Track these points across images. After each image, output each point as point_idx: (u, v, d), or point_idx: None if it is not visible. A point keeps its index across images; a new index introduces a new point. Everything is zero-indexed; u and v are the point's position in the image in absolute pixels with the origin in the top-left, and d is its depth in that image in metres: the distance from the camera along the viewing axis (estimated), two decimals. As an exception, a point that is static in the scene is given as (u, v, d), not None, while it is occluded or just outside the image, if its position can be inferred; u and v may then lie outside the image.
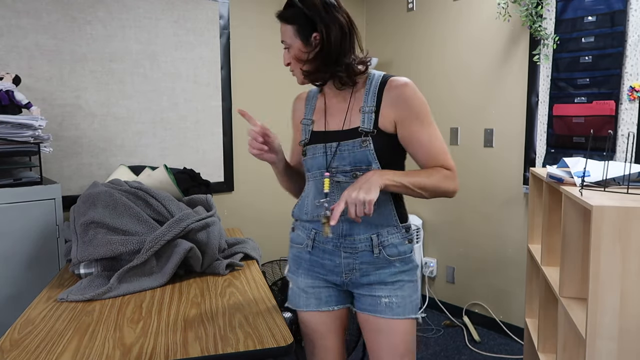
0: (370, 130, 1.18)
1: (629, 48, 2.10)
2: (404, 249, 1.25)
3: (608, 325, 1.16)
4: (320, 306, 1.31)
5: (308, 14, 1.16)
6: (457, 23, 2.81)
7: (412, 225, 1.31)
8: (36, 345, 1.06)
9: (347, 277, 1.26)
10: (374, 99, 1.20)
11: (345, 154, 1.21)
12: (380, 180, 1.10)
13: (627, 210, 1.12)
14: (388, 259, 1.23)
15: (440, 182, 1.17)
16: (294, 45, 1.21)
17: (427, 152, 1.21)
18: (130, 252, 1.46)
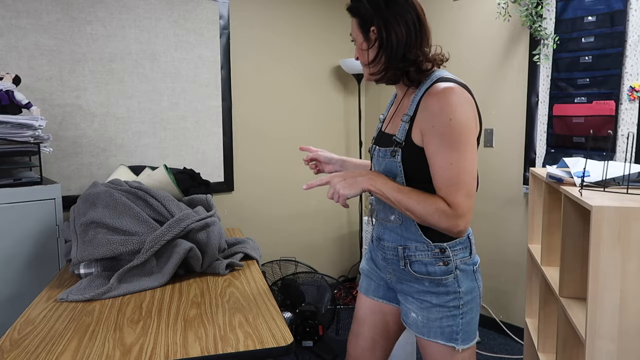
0: (401, 141, 1.10)
1: (629, 48, 2.10)
2: (435, 270, 1.14)
3: (608, 325, 1.16)
4: (369, 292, 1.34)
5: (368, 7, 1.10)
6: (457, 23, 2.81)
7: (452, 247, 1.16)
8: (36, 345, 1.06)
9: (388, 277, 1.27)
10: (414, 106, 1.10)
11: (380, 160, 1.18)
12: (365, 184, 1.09)
13: (627, 211, 1.12)
14: (415, 276, 1.17)
15: (431, 215, 1.04)
16: (357, 40, 1.15)
17: (437, 177, 1.05)
18: (130, 252, 1.46)
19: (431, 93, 1.05)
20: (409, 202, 1.05)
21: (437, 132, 1.03)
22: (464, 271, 1.16)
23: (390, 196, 1.07)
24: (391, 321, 1.33)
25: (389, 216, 1.20)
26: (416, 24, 1.10)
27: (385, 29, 1.09)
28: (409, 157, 1.10)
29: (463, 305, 1.15)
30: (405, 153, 1.10)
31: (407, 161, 1.10)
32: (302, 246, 3.19)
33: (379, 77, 1.16)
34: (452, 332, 1.15)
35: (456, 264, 1.15)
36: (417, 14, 1.11)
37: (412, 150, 1.09)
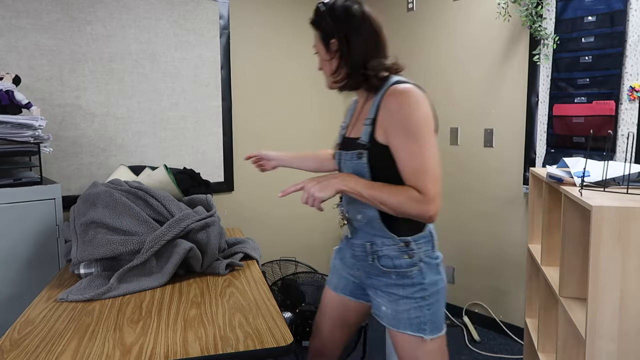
0: (366, 143, 1.19)
1: (629, 48, 2.10)
2: (401, 263, 1.22)
3: (608, 326, 1.16)
4: (337, 289, 1.42)
5: (329, 21, 1.20)
6: (457, 23, 2.81)
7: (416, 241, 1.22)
8: (36, 345, 1.06)
9: (357, 274, 1.35)
10: (374, 109, 1.19)
11: (347, 163, 1.25)
12: (338, 185, 1.15)
13: (627, 211, 1.13)
14: (382, 270, 1.24)
15: (404, 204, 1.10)
16: (320, 52, 1.25)
17: (404, 168, 1.13)
18: (130, 252, 1.46)
19: (389, 94, 1.15)
20: (381, 195, 1.12)
21: (399, 128, 1.12)
22: (427, 264, 1.24)
23: (364, 193, 1.14)
24: (351, 316, 1.43)
25: (356, 215, 1.27)
26: (373, 36, 1.21)
27: (345, 40, 1.19)
28: (374, 156, 1.18)
29: (429, 297, 1.22)
30: (370, 153, 1.18)
31: (373, 161, 1.18)
32: (302, 246, 3.19)
33: (341, 86, 1.25)
34: (420, 323, 1.22)
35: (420, 257, 1.23)
36: (373, 28, 1.22)
37: (377, 150, 1.17)
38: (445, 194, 3.00)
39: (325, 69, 1.26)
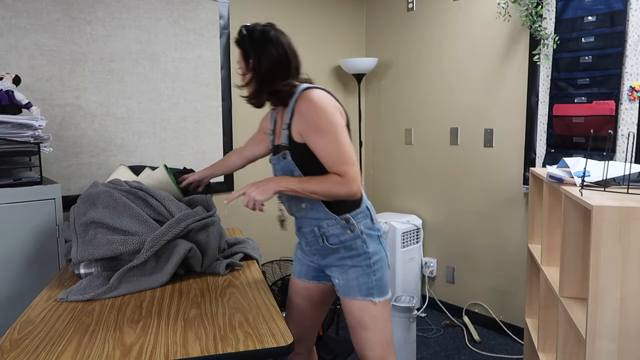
0: (287, 144, 1.38)
1: (629, 48, 2.10)
2: (345, 238, 1.40)
3: (608, 325, 1.16)
4: (300, 276, 1.59)
5: (249, 43, 1.37)
6: (457, 23, 2.81)
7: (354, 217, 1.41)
8: (36, 345, 1.06)
9: (315, 259, 1.52)
10: (289, 115, 1.38)
11: (277, 166, 1.44)
12: (275, 187, 1.33)
13: (627, 210, 1.13)
14: (331, 247, 1.42)
15: (331, 188, 1.30)
16: (241, 68, 1.41)
17: (325, 161, 1.33)
18: (130, 252, 1.46)
19: (300, 100, 1.35)
20: (311, 186, 1.31)
21: (311, 126, 1.32)
22: (369, 236, 1.42)
23: (297, 188, 1.32)
24: (316, 296, 1.59)
25: (300, 205, 1.44)
26: (284, 59, 1.37)
27: (258, 61, 1.36)
28: (296, 154, 1.37)
29: (373, 264, 1.41)
30: (292, 152, 1.38)
31: (297, 158, 1.38)
32: (302, 246, 3.19)
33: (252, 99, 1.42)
34: (369, 288, 1.40)
35: (361, 230, 1.41)
36: (285, 52, 1.37)
37: (297, 148, 1.37)
38: (446, 194, 3.00)
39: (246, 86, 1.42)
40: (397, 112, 3.24)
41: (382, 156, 3.40)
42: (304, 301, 1.60)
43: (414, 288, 3.06)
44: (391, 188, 3.36)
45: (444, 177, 2.99)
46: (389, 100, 3.29)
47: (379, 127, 3.40)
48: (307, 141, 1.34)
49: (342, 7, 3.29)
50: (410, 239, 3.01)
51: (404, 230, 2.95)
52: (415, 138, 3.14)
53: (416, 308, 2.46)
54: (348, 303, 1.43)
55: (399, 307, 2.29)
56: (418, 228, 3.06)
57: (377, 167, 3.45)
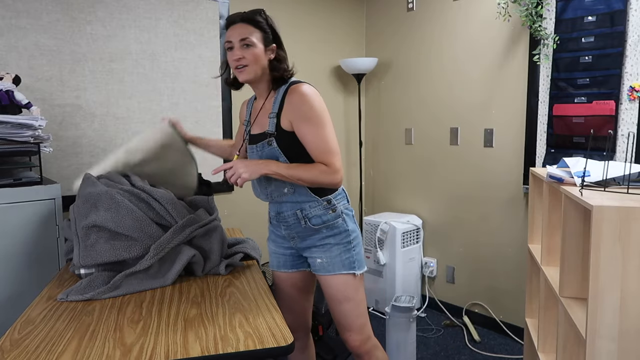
0: (273, 132, 1.46)
1: (629, 48, 2.10)
2: (328, 218, 1.51)
3: (608, 325, 1.16)
4: (280, 267, 1.67)
5: (273, 28, 1.49)
6: (457, 23, 2.81)
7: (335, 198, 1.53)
8: (36, 345, 1.06)
9: (293, 243, 1.60)
10: (277, 105, 1.46)
11: (260, 153, 1.50)
12: (263, 169, 1.40)
13: (627, 210, 1.13)
14: (314, 228, 1.51)
15: (317, 177, 1.41)
16: (258, 47, 1.45)
17: (312, 150, 1.43)
18: (133, 258, 1.46)
19: (292, 92, 1.44)
20: (298, 173, 1.40)
21: (303, 118, 1.41)
22: (347, 215, 1.55)
23: (284, 173, 1.40)
24: (299, 284, 1.68)
25: (283, 190, 1.51)
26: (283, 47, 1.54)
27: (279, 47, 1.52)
28: (282, 141, 1.45)
29: (352, 240, 1.54)
30: (278, 139, 1.45)
31: (283, 145, 1.45)
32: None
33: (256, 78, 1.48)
34: (351, 263, 1.53)
35: (341, 210, 1.53)
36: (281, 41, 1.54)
37: (283, 136, 1.45)
38: (446, 194, 3.00)
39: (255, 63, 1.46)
40: (397, 112, 3.24)
41: (382, 156, 3.40)
42: (290, 289, 1.69)
43: (414, 288, 3.06)
44: (391, 188, 3.36)
45: (444, 177, 2.99)
46: (389, 100, 3.29)
47: (379, 127, 3.40)
48: (297, 130, 1.43)
49: (342, 7, 3.29)
50: (410, 239, 3.01)
51: (404, 230, 2.95)
52: (415, 138, 3.14)
53: (416, 308, 2.46)
54: (331, 279, 1.53)
55: (399, 307, 2.29)
56: (418, 228, 3.06)
57: (377, 167, 3.45)
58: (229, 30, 1.46)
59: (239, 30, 1.44)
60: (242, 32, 1.44)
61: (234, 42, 1.44)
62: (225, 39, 1.47)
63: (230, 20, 1.47)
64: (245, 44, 1.44)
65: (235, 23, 1.46)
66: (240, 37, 1.44)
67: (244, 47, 1.44)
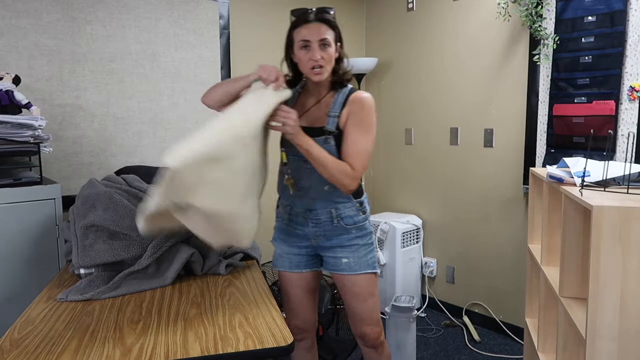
0: (334, 130, 1.49)
1: (629, 48, 2.10)
2: (359, 219, 1.58)
3: (608, 325, 1.16)
4: (292, 268, 1.65)
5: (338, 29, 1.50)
6: (457, 23, 2.81)
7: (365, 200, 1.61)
8: (36, 345, 1.06)
9: (315, 242, 1.60)
10: (340, 106, 1.50)
11: None
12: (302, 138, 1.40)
13: (627, 210, 1.13)
14: (345, 227, 1.56)
15: (338, 173, 1.44)
16: (332, 47, 1.47)
17: (348, 148, 1.48)
18: (131, 258, 1.46)
19: (356, 97, 1.50)
20: (326, 159, 1.43)
21: (357, 121, 1.48)
22: (369, 218, 1.63)
23: (315, 151, 1.41)
24: (312, 283, 1.70)
25: (323, 187, 1.53)
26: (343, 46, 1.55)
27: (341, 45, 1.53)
28: (337, 140, 1.50)
29: (373, 242, 1.64)
30: (335, 138, 1.50)
31: (337, 144, 1.50)
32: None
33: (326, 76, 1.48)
34: (373, 262, 1.61)
35: (367, 212, 1.62)
36: None
37: (339, 135, 1.50)
38: (446, 194, 3.00)
39: (328, 59, 1.46)
40: (397, 112, 3.24)
41: (382, 156, 3.40)
42: (301, 291, 1.68)
43: (414, 288, 3.06)
44: (391, 188, 3.36)
45: (444, 177, 2.99)
46: (389, 100, 3.29)
47: (379, 127, 3.39)
48: (346, 128, 1.49)
49: (342, 7, 3.29)
50: (410, 239, 3.01)
51: (404, 230, 2.95)
52: (415, 138, 3.14)
53: (416, 308, 2.45)
54: (357, 278, 1.59)
55: (399, 307, 2.29)
56: (418, 228, 3.06)
57: (377, 167, 3.45)
58: (304, 28, 1.44)
59: (316, 29, 1.43)
60: (320, 31, 1.43)
61: (313, 42, 1.42)
62: (301, 37, 1.44)
63: (304, 18, 1.45)
64: (323, 44, 1.44)
65: (311, 22, 1.44)
66: (320, 37, 1.43)
67: (322, 47, 1.44)
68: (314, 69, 1.44)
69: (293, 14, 1.51)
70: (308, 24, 1.44)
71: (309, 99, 1.57)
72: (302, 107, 1.56)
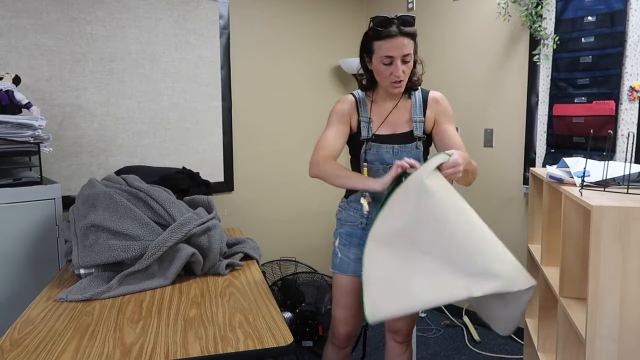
0: (423, 136, 1.54)
1: (629, 48, 2.10)
2: None
3: (608, 325, 1.16)
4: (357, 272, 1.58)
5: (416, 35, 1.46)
6: (457, 23, 2.81)
7: None
8: (36, 345, 1.06)
9: None
10: (421, 110, 1.55)
11: (406, 154, 1.51)
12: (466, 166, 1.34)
13: (627, 210, 1.13)
14: None
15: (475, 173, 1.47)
16: (412, 58, 1.46)
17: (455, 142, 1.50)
18: (132, 258, 1.46)
19: (436, 98, 1.56)
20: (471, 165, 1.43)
21: (449, 119, 1.56)
22: None
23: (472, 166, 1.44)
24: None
25: None
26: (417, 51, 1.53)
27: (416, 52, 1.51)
28: (424, 145, 1.56)
29: None
30: (424, 143, 1.55)
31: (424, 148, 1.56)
32: (302, 246, 3.19)
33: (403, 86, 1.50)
34: None
35: None
36: None
37: (427, 139, 1.56)
38: (445, 194, 2.99)
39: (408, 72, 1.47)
40: (397, 112, 3.24)
41: (382, 156, 3.39)
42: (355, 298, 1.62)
43: (414, 288, 3.05)
44: (391, 188, 3.35)
45: (444, 177, 2.98)
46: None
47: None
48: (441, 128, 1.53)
49: (342, 7, 3.29)
50: (410, 239, 3.01)
51: (404, 230, 2.94)
52: (415, 138, 3.14)
53: (416, 308, 2.45)
54: None
55: (399, 307, 2.28)
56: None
57: (377, 167, 3.44)
58: (387, 42, 1.40)
59: (400, 45, 1.40)
60: (404, 47, 1.41)
61: (396, 58, 1.41)
62: (384, 52, 1.41)
63: (387, 32, 1.39)
64: (406, 60, 1.44)
65: (395, 37, 1.39)
66: (404, 53, 1.41)
67: (404, 63, 1.44)
68: (395, 82, 1.45)
69: (375, 23, 1.43)
70: (392, 39, 1.39)
71: (386, 105, 1.57)
72: (381, 115, 1.56)
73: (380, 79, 1.49)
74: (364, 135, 1.55)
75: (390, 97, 1.56)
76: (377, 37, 1.42)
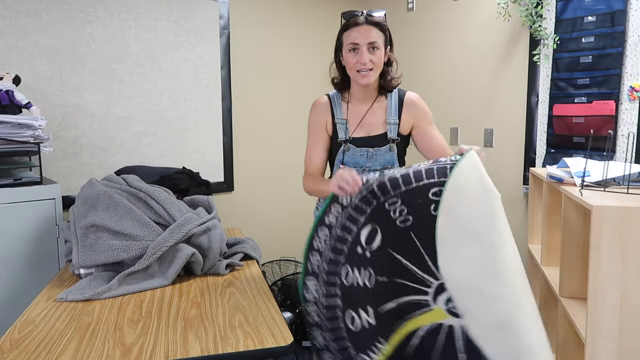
0: (397, 138, 1.51)
1: (629, 48, 2.10)
2: None
3: (608, 325, 1.16)
4: None
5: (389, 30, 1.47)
6: (457, 23, 2.81)
7: None
8: (36, 345, 1.06)
9: None
10: (396, 112, 1.52)
11: (379, 157, 1.51)
12: None
13: (627, 210, 1.13)
14: None
15: None
16: (382, 50, 1.44)
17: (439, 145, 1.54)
18: (132, 258, 1.46)
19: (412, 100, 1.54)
20: None
21: (429, 120, 1.55)
22: None
23: None
24: None
25: None
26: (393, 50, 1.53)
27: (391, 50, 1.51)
28: (399, 147, 1.53)
29: None
30: (397, 145, 1.52)
31: (399, 150, 1.54)
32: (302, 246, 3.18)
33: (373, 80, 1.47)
34: None
35: None
36: None
37: (401, 141, 1.53)
38: (445, 194, 2.99)
39: (378, 67, 1.45)
40: (397, 112, 3.24)
41: (382, 156, 3.39)
42: None
43: (414, 288, 3.05)
44: (391, 188, 3.35)
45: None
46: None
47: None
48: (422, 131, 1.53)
49: (342, 7, 3.28)
50: (410, 239, 3.01)
51: (404, 230, 2.94)
52: (415, 138, 3.14)
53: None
54: None
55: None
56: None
57: (377, 167, 3.44)
58: (353, 31, 1.41)
59: (366, 32, 1.40)
60: (370, 34, 1.40)
61: (361, 45, 1.40)
62: (350, 40, 1.41)
63: (354, 21, 1.42)
64: (372, 47, 1.41)
65: (361, 25, 1.40)
66: (369, 40, 1.40)
67: (371, 50, 1.42)
68: (361, 72, 1.42)
69: (343, 17, 1.46)
70: (358, 27, 1.41)
71: (360, 106, 1.54)
72: (357, 116, 1.53)
73: (348, 71, 1.46)
74: (340, 137, 1.53)
75: (365, 98, 1.53)
76: (345, 29, 1.44)
